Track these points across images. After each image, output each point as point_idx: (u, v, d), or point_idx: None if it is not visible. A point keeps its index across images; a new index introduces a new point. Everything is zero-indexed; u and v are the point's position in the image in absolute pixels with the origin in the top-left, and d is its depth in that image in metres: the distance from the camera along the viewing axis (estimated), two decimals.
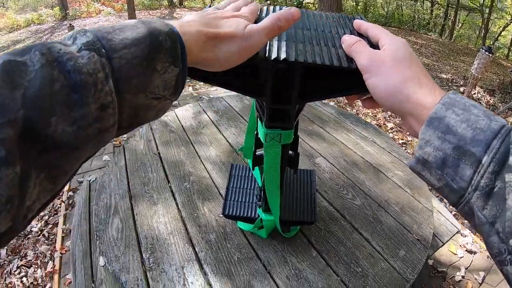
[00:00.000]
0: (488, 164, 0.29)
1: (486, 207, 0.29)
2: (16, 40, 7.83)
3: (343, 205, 1.19)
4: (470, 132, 0.30)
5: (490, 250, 0.30)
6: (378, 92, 0.38)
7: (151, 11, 11.00)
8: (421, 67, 0.38)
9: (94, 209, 1.16)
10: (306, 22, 0.52)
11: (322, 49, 0.44)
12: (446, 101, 0.33)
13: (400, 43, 0.40)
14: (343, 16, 0.55)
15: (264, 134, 0.62)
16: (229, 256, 0.98)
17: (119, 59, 0.26)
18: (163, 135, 1.57)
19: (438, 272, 1.77)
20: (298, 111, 0.62)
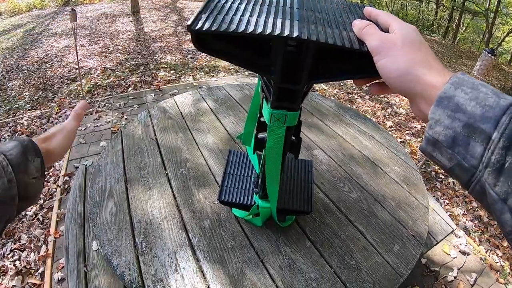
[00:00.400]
0: (498, 139, 0.28)
1: (498, 184, 0.29)
2: (17, 25, 7.76)
3: (339, 198, 1.18)
4: (479, 110, 0.30)
5: (503, 229, 0.30)
6: (388, 73, 0.38)
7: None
8: (430, 51, 0.38)
9: (89, 192, 1.15)
10: (318, 6, 0.51)
11: (334, 31, 0.44)
12: (454, 80, 0.33)
13: (410, 28, 0.40)
14: (354, 3, 0.55)
15: (269, 115, 0.62)
16: (223, 243, 0.98)
17: (10, 155, 0.43)
18: (161, 121, 1.56)
19: (431, 271, 1.78)
20: (305, 93, 0.61)
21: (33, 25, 7.63)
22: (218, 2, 0.48)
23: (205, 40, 0.47)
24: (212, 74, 4.37)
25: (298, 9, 0.48)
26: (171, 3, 9.96)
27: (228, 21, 0.43)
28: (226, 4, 0.48)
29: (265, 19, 0.44)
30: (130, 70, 4.53)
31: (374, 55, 0.40)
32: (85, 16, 7.99)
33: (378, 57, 0.39)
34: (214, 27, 0.41)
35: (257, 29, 0.41)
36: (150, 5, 9.47)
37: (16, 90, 4.13)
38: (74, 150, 2.53)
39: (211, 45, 0.47)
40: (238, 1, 0.49)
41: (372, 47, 0.40)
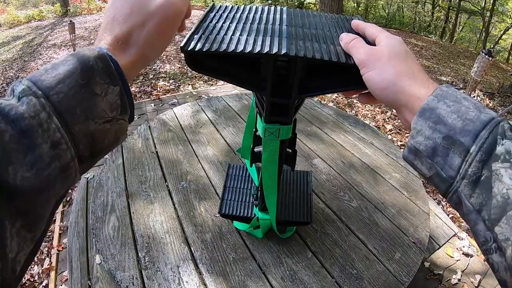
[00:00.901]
0: (476, 153, 0.30)
1: (473, 195, 0.30)
2: (17, 36, 7.81)
3: (340, 207, 1.19)
4: (460, 123, 0.31)
5: (477, 239, 0.31)
6: (374, 85, 0.40)
7: None
8: (416, 62, 0.40)
9: (91, 207, 1.16)
10: (306, 22, 0.53)
11: (321, 46, 0.46)
12: (438, 93, 0.34)
13: (396, 40, 0.42)
14: (342, 17, 0.57)
15: (263, 129, 0.63)
16: (225, 256, 0.98)
17: (56, 94, 0.27)
18: (161, 134, 1.57)
19: (434, 274, 1.77)
20: (297, 107, 0.62)
21: (32, 37, 7.67)
22: (210, 22, 0.51)
23: (198, 60, 0.48)
24: (211, 82, 4.39)
25: (286, 26, 0.50)
26: None
27: (220, 41, 0.45)
28: (217, 24, 0.50)
29: (254, 38, 0.46)
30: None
31: (360, 68, 0.41)
32: (84, 26, 8.04)
33: (364, 70, 0.41)
34: (206, 47, 0.43)
35: (247, 48, 0.43)
36: None
37: None
38: None
39: (204, 65, 0.49)
40: (229, 21, 0.51)
41: (358, 60, 0.42)
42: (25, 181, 0.24)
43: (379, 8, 15.88)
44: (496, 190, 0.28)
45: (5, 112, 0.24)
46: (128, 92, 0.32)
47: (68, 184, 0.28)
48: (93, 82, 0.29)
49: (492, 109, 4.38)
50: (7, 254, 0.23)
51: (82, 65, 0.29)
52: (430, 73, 5.90)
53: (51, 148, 0.25)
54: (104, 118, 0.30)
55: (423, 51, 7.86)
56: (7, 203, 0.23)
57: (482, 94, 4.93)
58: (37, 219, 0.26)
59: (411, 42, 8.77)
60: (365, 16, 14.70)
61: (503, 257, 0.27)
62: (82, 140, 0.28)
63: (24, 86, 0.26)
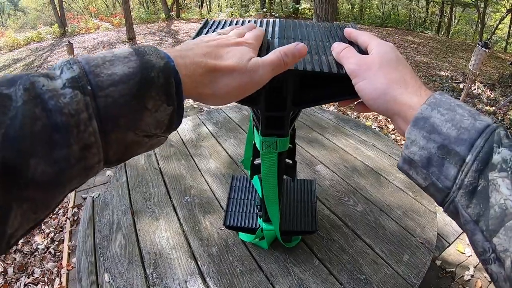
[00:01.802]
0: (472, 162, 0.29)
1: (470, 206, 0.29)
2: (17, 59, 7.92)
3: (345, 212, 1.19)
4: (454, 132, 0.30)
5: (475, 249, 0.30)
6: (366, 95, 0.39)
7: (149, 25, 11.10)
8: (408, 69, 0.39)
9: (97, 226, 1.17)
10: (298, 33, 0.53)
11: (313, 57, 0.46)
12: (431, 101, 0.33)
13: (388, 47, 0.41)
14: (335, 25, 0.57)
15: (260, 142, 0.64)
16: (232, 268, 0.98)
17: (105, 97, 0.25)
18: (163, 150, 1.58)
19: (447, 272, 1.76)
20: (292, 118, 0.63)
21: (32, 59, 7.78)
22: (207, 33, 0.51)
23: None
24: None
25: (278, 38, 0.50)
26: (166, 27, 10.13)
27: None
28: None
29: None
30: None
31: (352, 77, 0.41)
32: (83, 46, 8.15)
33: (356, 80, 0.40)
34: None
35: None
36: (145, 30, 9.64)
37: None
38: None
39: None
40: None
41: (349, 70, 0.41)
42: (45, 175, 0.22)
43: (373, 8, 15.94)
44: (494, 200, 0.28)
45: (44, 98, 0.22)
46: (180, 114, 0.30)
47: (85, 180, 0.26)
48: (148, 95, 0.26)
49: (494, 99, 4.36)
50: (6, 231, 0.22)
51: (142, 74, 0.26)
52: (428, 69, 5.90)
53: (80, 150, 0.24)
54: (146, 132, 0.28)
55: (420, 48, 7.86)
56: (19, 190, 0.22)
57: (483, 86, 4.92)
58: (46, 206, 0.25)
59: (408, 40, 8.79)
60: (360, 17, 14.74)
61: (502, 267, 0.27)
62: (114, 148, 0.26)
63: (74, 73, 0.24)
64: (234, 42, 0.38)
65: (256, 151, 0.77)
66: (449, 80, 5.22)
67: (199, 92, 0.33)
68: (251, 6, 15.24)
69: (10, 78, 0.23)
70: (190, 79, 0.31)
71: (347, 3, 16.22)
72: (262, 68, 0.36)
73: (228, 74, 0.34)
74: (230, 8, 15.91)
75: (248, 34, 0.43)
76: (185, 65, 0.31)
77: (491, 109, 4.06)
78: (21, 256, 2.06)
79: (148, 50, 0.29)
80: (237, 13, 14.47)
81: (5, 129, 0.21)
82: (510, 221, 0.27)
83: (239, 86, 0.35)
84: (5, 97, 0.22)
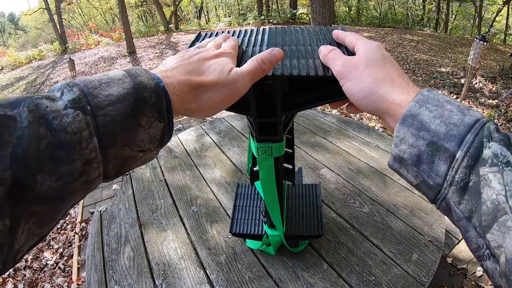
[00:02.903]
0: (462, 158, 0.29)
1: (462, 202, 0.29)
2: (20, 77, 8.01)
3: (351, 214, 1.19)
4: (443, 128, 0.30)
5: (469, 246, 0.30)
6: (353, 95, 0.39)
7: (148, 38, 11.20)
8: (395, 67, 0.39)
9: (106, 239, 1.18)
10: (287, 39, 0.54)
11: (300, 62, 0.46)
12: (419, 98, 0.33)
13: (374, 46, 0.41)
14: (324, 28, 0.57)
15: (256, 148, 0.65)
16: (240, 276, 0.98)
17: (103, 116, 0.27)
18: (168, 161, 1.59)
19: (458, 269, 1.74)
20: (286, 123, 0.64)
21: (35, 76, 7.87)
22: None
23: None
24: None
25: (267, 45, 0.51)
26: (165, 39, 10.22)
27: None
28: None
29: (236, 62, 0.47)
30: None
31: (339, 79, 0.41)
32: (84, 62, 8.23)
33: (343, 81, 0.40)
34: None
35: None
36: (145, 43, 9.72)
37: None
38: (88, 196, 2.57)
39: None
40: None
41: (336, 72, 0.41)
42: (51, 190, 0.24)
43: (370, 9, 15.98)
44: (486, 196, 0.27)
45: (48, 119, 0.24)
46: (170, 129, 0.33)
47: (85, 195, 0.28)
48: (141, 113, 0.29)
49: (496, 92, 4.34)
50: (14, 246, 0.23)
51: (136, 94, 0.29)
52: (429, 66, 5.89)
53: (83, 165, 0.25)
54: (140, 147, 0.30)
55: (419, 45, 7.86)
56: (26, 205, 0.23)
57: (484, 79, 4.89)
58: (50, 220, 0.26)
59: (407, 38, 8.79)
60: (357, 18, 14.77)
61: (497, 263, 0.27)
62: (112, 162, 0.28)
63: (74, 95, 0.26)
64: (213, 55, 0.40)
65: (254, 158, 0.77)
66: (450, 76, 5.21)
67: (187, 108, 0.35)
68: (249, 14, 15.36)
69: (13, 100, 0.24)
70: (179, 97, 0.34)
71: (344, 5, 16.29)
72: (242, 78, 0.39)
73: (211, 88, 0.37)
74: (228, 18, 16.03)
75: (225, 45, 0.45)
76: (172, 84, 0.33)
77: (493, 102, 4.03)
78: (31, 272, 2.07)
79: (139, 72, 0.31)
80: (235, 22, 14.57)
81: (12, 148, 0.22)
82: (503, 216, 0.26)
83: (222, 99, 0.38)
84: (10, 119, 0.23)
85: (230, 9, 19.51)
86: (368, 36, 7.76)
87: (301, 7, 14.62)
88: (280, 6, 16.69)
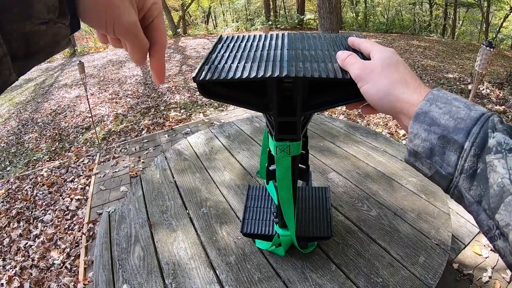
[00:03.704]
0: (470, 148, 0.32)
1: (472, 188, 0.32)
2: (28, 79, 8.10)
3: (359, 217, 1.20)
4: (452, 122, 0.34)
5: (482, 229, 0.33)
6: (370, 96, 0.43)
7: None
8: (408, 70, 0.43)
9: (115, 239, 1.20)
10: (306, 44, 0.58)
11: (319, 65, 0.50)
12: (430, 97, 0.37)
13: (388, 52, 0.45)
14: (340, 35, 0.61)
15: (274, 147, 0.67)
16: (250, 276, 1.00)
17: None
18: (178, 164, 1.62)
19: (464, 275, 1.74)
20: (304, 123, 0.67)
21: (43, 78, 7.96)
22: (218, 53, 0.55)
23: (210, 88, 0.53)
24: (222, 108, 4.47)
25: (288, 50, 0.54)
26: (173, 43, 10.30)
27: (227, 69, 0.49)
28: (225, 54, 0.55)
29: (258, 64, 0.50)
30: (142, 113, 4.67)
31: (357, 81, 0.44)
32: (92, 65, 8.31)
33: (361, 83, 0.44)
34: (215, 76, 0.48)
35: (252, 74, 0.48)
36: None
37: (33, 143, 4.30)
38: (96, 197, 2.60)
39: (215, 92, 0.54)
40: (235, 50, 0.56)
41: (354, 75, 0.45)
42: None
43: (377, 15, 15.99)
44: (492, 180, 0.30)
45: None
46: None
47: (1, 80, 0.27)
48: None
49: (503, 98, 4.32)
50: None
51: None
52: (436, 72, 5.88)
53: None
54: (40, 19, 0.28)
55: (426, 52, 7.85)
56: None
57: (491, 85, 4.87)
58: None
59: (414, 44, 8.78)
60: (365, 24, 14.77)
61: (506, 241, 0.29)
62: (15, 39, 0.27)
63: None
64: None
65: (271, 157, 0.80)
66: (457, 82, 5.19)
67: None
68: (256, 20, 15.43)
69: None
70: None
71: (351, 11, 16.33)
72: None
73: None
74: (236, 23, 16.13)
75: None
76: None
77: (500, 108, 4.02)
78: (37, 271, 2.10)
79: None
80: (243, 27, 14.65)
81: None
82: (508, 197, 0.29)
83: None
84: None
85: (238, 14, 19.62)
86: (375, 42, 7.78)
87: (309, 13, 14.67)
88: (288, 12, 16.76)
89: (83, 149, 3.79)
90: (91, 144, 3.89)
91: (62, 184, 3.04)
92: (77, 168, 3.28)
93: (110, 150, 3.48)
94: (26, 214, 2.68)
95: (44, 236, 2.39)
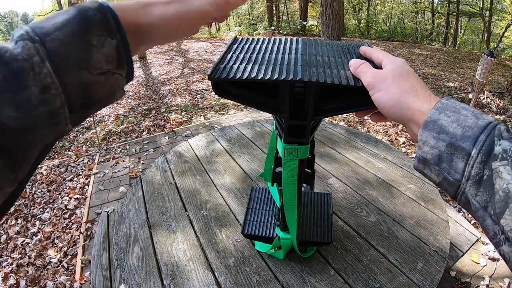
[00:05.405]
0: (477, 155, 0.33)
1: (478, 194, 0.33)
2: None
3: (358, 223, 1.20)
4: (460, 130, 0.35)
5: (487, 234, 0.34)
6: (382, 103, 0.44)
7: (159, 44, 11.30)
8: (418, 80, 0.44)
9: (114, 239, 1.20)
10: (319, 50, 0.59)
11: (332, 72, 0.51)
12: (439, 106, 0.38)
13: (400, 62, 0.46)
14: (352, 44, 0.63)
15: (283, 149, 0.68)
16: (248, 279, 1.00)
17: (52, 41, 0.27)
18: (178, 165, 1.62)
19: (462, 283, 1.74)
20: (313, 128, 0.67)
21: None
22: (233, 53, 0.57)
23: (224, 87, 0.54)
24: (222, 112, 4.48)
25: (302, 54, 0.55)
26: (176, 46, 10.32)
27: (242, 70, 0.50)
28: (240, 55, 0.56)
29: (273, 66, 0.51)
30: (143, 115, 4.67)
31: (369, 89, 0.45)
32: None
33: (372, 91, 0.45)
34: (230, 75, 0.49)
35: (266, 75, 0.49)
36: (155, 49, 9.81)
37: None
38: (95, 197, 2.60)
39: (229, 91, 0.55)
40: (250, 51, 0.57)
41: (366, 83, 0.46)
42: (11, 120, 0.24)
43: (380, 23, 16.05)
44: (498, 186, 0.31)
45: (1, 54, 0.25)
46: (126, 47, 0.32)
47: (57, 131, 0.28)
48: (90, 32, 0.29)
49: (503, 108, 4.34)
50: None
51: (80, 15, 0.29)
52: (437, 80, 5.90)
53: (41, 91, 0.26)
54: (99, 69, 0.30)
55: (428, 60, 7.88)
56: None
57: (492, 94, 4.89)
58: (21, 159, 0.26)
59: (415, 52, 8.81)
60: (367, 32, 14.83)
61: (511, 246, 0.30)
62: (74, 89, 0.28)
63: (23, 31, 0.27)
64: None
65: (278, 160, 0.81)
66: (458, 91, 5.21)
67: (136, 23, 0.35)
68: (259, 24, 15.50)
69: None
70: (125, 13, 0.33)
71: (354, 18, 16.40)
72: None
73: (162, 4, 0.37)
74: (239, 27, 16.18)
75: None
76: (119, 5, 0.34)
77: (501, 118, 4.03)
78: (33, 269, 2.10)
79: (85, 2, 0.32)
80: (245, 31, 14.70)
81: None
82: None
83: (175, 14, 0.37)
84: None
85: (241, 19, 19.70)
86: None
87: (311, 19, 14.74)
88: (290, 17, 16.82)
89: (83, 148, 3.79)
90: (91, 144, 3.89)
91: (61, 182, 3.04)
92: (76, 167, 3.28)
93: (110, 150, 3.49)
94: (24, 211, 2.68)
95: (42, 234, 2.39)
